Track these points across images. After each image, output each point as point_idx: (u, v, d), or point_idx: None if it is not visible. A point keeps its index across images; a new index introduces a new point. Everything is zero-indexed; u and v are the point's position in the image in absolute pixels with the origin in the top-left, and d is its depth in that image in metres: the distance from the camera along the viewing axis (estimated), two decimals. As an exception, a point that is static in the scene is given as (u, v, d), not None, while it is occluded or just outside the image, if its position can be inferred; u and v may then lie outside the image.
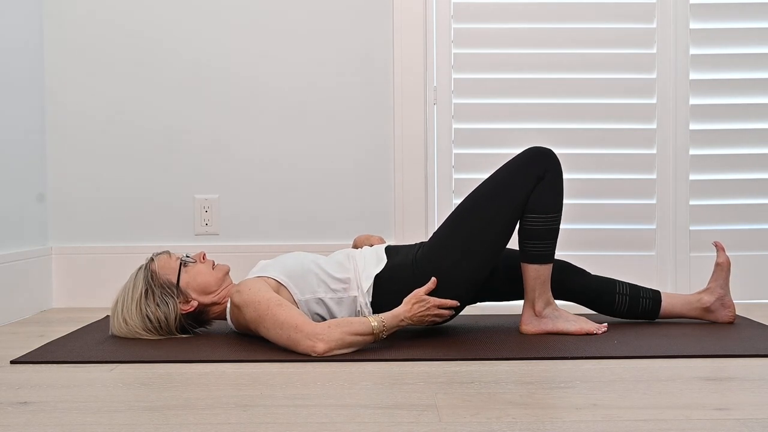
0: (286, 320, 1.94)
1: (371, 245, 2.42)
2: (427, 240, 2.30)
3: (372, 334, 1.96)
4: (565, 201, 2.87)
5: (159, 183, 2.93)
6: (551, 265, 2.20)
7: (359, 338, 1.95)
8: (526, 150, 2.20)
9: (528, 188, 2.15)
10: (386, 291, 2.13)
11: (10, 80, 2.64)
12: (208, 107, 2.92)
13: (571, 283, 2.33)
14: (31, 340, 2.24)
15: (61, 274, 2.90)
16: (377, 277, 2.16)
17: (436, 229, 2.88)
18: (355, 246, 2.52)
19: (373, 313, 2.13)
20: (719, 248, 2.35)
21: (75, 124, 2.91)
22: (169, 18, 2.91)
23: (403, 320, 2.02)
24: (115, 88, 2.91)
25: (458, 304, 2.12)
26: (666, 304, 2.35)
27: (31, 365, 1.91)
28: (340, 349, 1.93)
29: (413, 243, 2.50)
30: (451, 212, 2.23)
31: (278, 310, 1.96)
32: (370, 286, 2.15)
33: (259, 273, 2.15)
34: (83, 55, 2.91)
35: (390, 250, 2.25)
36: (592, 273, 2.57)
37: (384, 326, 1.98)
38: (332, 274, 2.16)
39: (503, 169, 2.20)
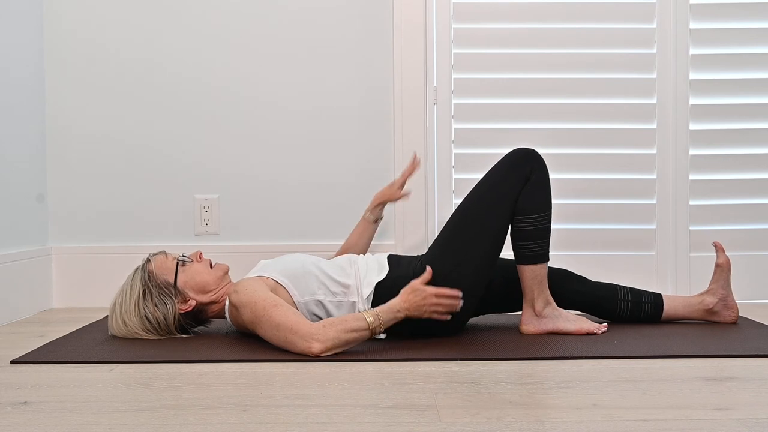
0: (281, 322, 1.94)
1: (396, 198, 2.54)
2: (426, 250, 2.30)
3: (368, 329, 1.95)
4: (566, 201, 2.89)
5: (159, 183, 2.93)
6: (547, 263, 2.20)
7: (355, 335, 1.94)
8: (509, 153, 2.21)
9: (516, 190, 2.15)
10: (386, 300, 2.12)
11: (11, 77, 2.64)
12: (207, 121, 2.92)
13: (572, 292, 2.34)
14: (31, 340, 2.24)
15: (61, 274, 2.90)
16: (378, 286, 2.15)
17: (436, 230, 2.91)
18: (378, 202, 2.58)
19: None
20: (719, 249, 2.35)
21: (75, 124, 2.91)
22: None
23: (399, 311, 2.01)
24: (117, 92, 2.91)
25: (459, 293, 2.06)
26: (668, 308, 2.35)
27: (31, 365, 1.91)
28: (337, 347, 1.93)
29: (415, 255, 2.51)
30: (446, 222, 2.23)
31: (274, 311, 1.95)
32: (370, 293, 2.14)
33: (259, 273, 2.15)
34: (84, 56, 2.91)
35: (392, 260, 2.25)
36: (593, 276, 2.58)
37: (380, 320, 1.97)
38: (333, 277, 2.15)
39: (490, 174, 2.20)
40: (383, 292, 2.14)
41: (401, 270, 2.19)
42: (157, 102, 2.92)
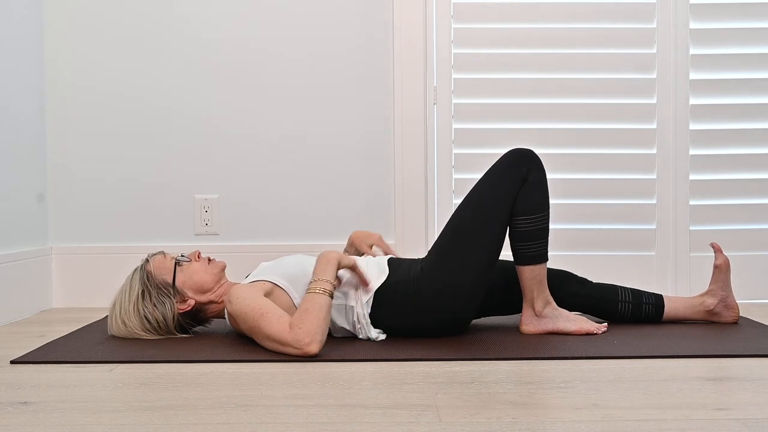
0: (270, 333, 1.94)
1: (370, 245, 2.42)
2: (426, 253, 2.29)
3: (324, 293, 1.97)
4: (565, 201, 2.89)
5: (159, 183, 2.93)
6: (546, 263, 2.20)
7: (323, 309, 1.95)
8: (506, 153, 2.20)
9: (514, 191, 2.15)
10: (385, 305, 2.12)
11: (10, 80, 2.64)
12: (207, 125, 2.92)
13: (573, 293, 2.33)
14: (31, 340, 2.24)
15: (61, 274, 2.90)
16: (377, 291, 2.14)
17: (436, 230, 2.91)
18: (352, 243, 2.49)
19: (372, 325, 2.13)
20: (716, 250, 2.35)
21: (76, 124, 2.91)
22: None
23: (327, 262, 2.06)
24: (118, 94, 2.91)
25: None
26: (669, 309, 2.35)
27: (31, 365, 1.91)
28: (323, 332, 1.94)
29: (416, 257, 2.50)
30: (445, 225, 2.22)
31: (262, 321, 1.96)
32: (369, 299, 2.13)
33: (259, 276, 2.14)
34: (86, 41, 2.91)
35: (392, 263, 2.23)
36: (593, 276, 2.57)
37: (319, 278, 2.00)
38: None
39: (487, 176, 2.19)
40: (382, 298, 2.13)
41: (401, 274, 2.18)
42: (157, 104, 2.92)
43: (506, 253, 2.26)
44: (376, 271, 2.20)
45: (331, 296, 1.99)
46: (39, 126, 2.87)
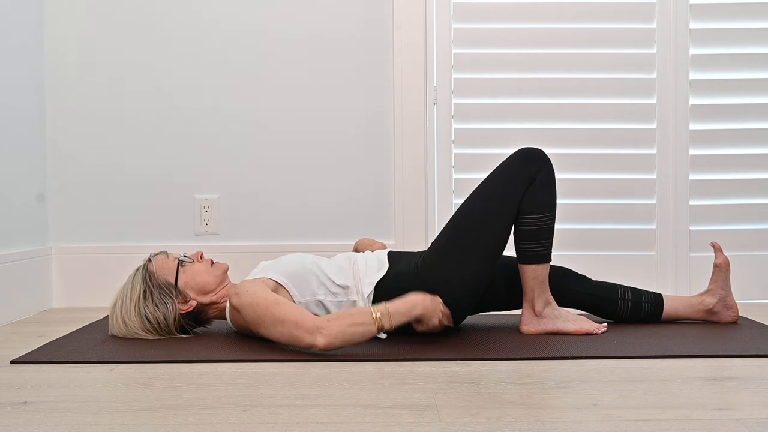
0: (285, 317, 1.93)
1: (373, 251, 2.42)
2: (427, 247, 2.30)
3: (373, 324, 1.92)
4: (566, 201, 2.89)
5: (159, 183, 2.93)
6: (549, 264, 2.20)
7: (360, 329, 1.91)
8: (516, 152, 2.20)
9: (521, 190, 2.15)
10: (386, 298, 2.12)
11: (10, 80, 2.64)
12: (207, 124, 2.92)
13: (572, 291, 2.33)
14: (31, 340, 2.24)
15: (61, 274, 2.90)
16: (378, 284, 2.15)
17: (436, 230, 2.90)
18: (356, 249, 2.51)
19: None
20: (717, 249, 2.35)
21: (76, 124, 2.91)
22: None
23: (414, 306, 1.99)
24: (118, 92, 2.91)
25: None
26: (668, 308, 2.35)
27: (31, 365, 1.91)
28: (342, 342, 1.90)
29: (415, 251, 2.50)
30: (448, 220, 2.22)
31: (276, 308, 1.95)
32: (370, 293, 2.14)
33: (260, 274, 2.15)
34: (85, 41, 2.91)
35: (392, 257, 2.24)
36: (594, 276, 2.57)
37: (389, 312, 1.94)
38: (332, 278, 2.15)
39: (495, 173, 2.19)
40: (384, 290, 2.14)
41: (401, 266, 2.19)
42: (157, 104, 2.92)
43: (509, 252, 2.26)
44: (375, 264, 2.21)
45: (379, 330, 1.94)
46: (39, 126, 2.87)
